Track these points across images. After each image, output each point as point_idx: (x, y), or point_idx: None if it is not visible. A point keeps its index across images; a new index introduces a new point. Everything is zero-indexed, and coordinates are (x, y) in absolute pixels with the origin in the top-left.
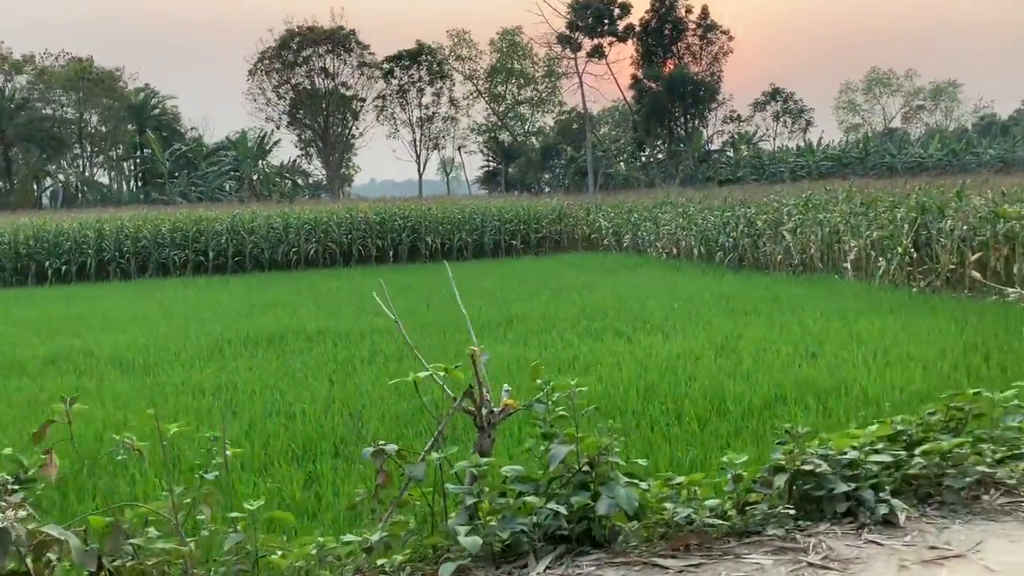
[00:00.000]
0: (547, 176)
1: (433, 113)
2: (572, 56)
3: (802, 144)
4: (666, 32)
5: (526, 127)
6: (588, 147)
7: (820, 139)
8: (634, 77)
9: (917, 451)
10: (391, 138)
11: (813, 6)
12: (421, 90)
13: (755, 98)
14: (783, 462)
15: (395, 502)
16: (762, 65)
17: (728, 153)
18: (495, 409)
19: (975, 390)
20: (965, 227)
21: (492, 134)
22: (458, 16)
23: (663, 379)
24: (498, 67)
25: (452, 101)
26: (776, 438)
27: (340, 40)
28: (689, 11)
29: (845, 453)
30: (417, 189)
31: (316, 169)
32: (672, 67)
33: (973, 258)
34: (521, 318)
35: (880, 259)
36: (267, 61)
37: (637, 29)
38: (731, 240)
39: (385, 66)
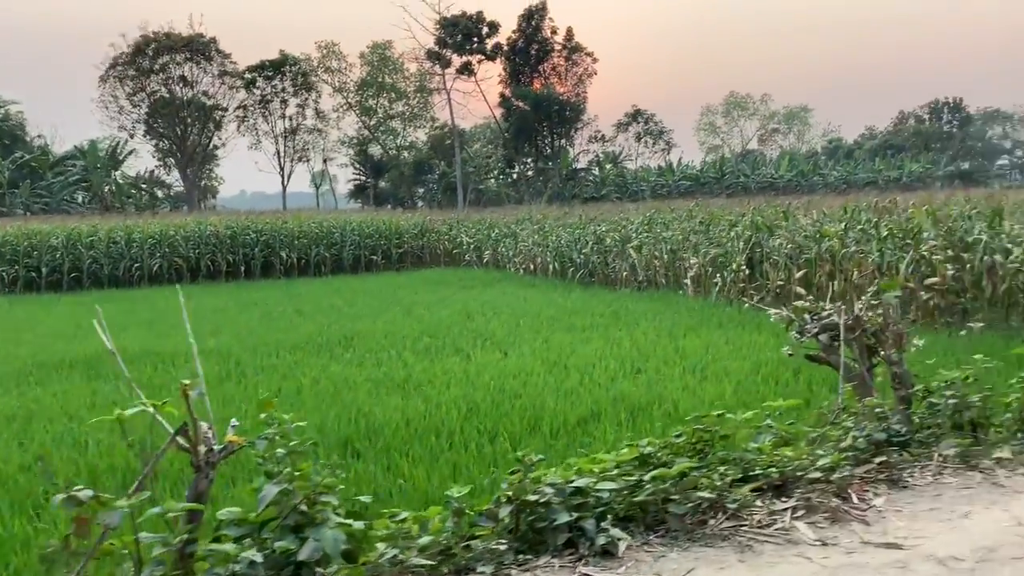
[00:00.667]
0: (421, 191)
1: (298, 125)
2: (440, 72)
3: (663, 164)
4: (532, 52)
5: (398, 141)
6: (458, 163)
7: (680, 159)
8: (502, 95)
9: (647, 476)
10: (253, 149)
11: (675, 33)
12: (285, 101)
13: (618, 119)
14: (510, 493)
15: (91, 553)
16: (627, 87)
17: (594, 172)
18: (215, 447)
19: (719, 412)
20: (791, 246)
21: (363, 147)
22: (326, 28)
23: (489, 398)
24: (368, 81)
25: (318, 113)
26: (590, 453)
27: (199, 48)
28: (554, 32)
29: (571, 481)
30: (292, 200)
31: (176, 180)
32: (539, 87)
33: (798, 275)
34: (363, 336)
35: (717, 276)
36: (120, 68)
37: (505, 48)
38: (582, 256)
39: (247, 75)
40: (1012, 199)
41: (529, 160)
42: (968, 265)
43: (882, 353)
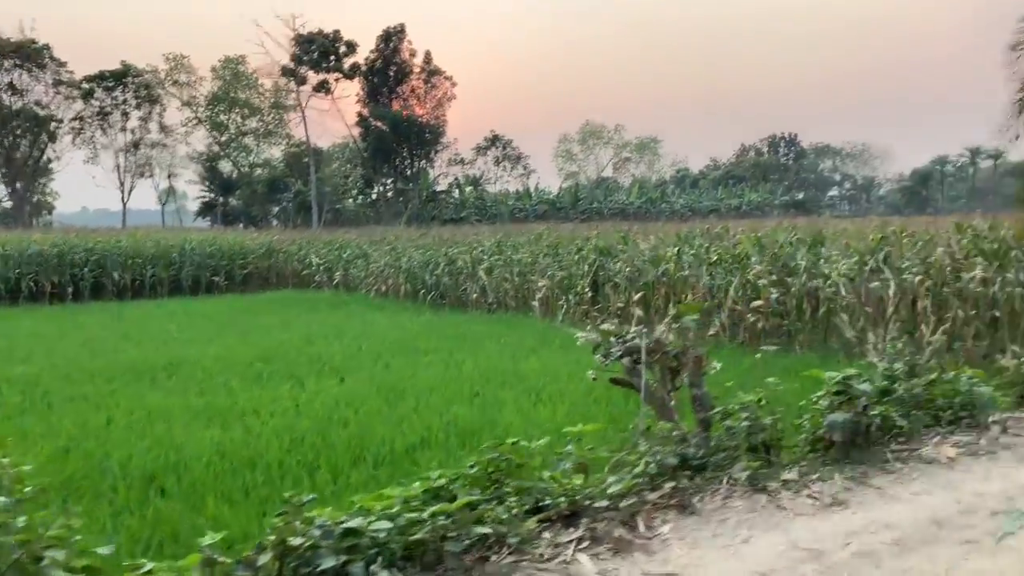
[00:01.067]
0: (275, 209)
1: (140, 139)
2: (295, 89)
3: (521, 189)
4: (391, 74)
5: (251, 158)
6: (312, 181)
7: (537, 185)
8: (360, 115)
9: (427, 512)
10: (89, 163)
11: (535, 62)
12: (126, 114)
13: (478, 143)
14: (272, 538)
15: None
16: (488, 112)
17: (454, 194)
18: None
19: (513, 440)
20: (629, 269)
21: (212, 164)
22: (174, 41)
23: (316, 427)
24: (220, 95)
25: (163, 127)
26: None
27: (30, 54)
28: (412, 55)
29: (343, 521)
30: (138, 218)
31: (5, 195)
32: (397, 108)
33: (636, 297)
34: (191, 362)
35: (563, 298)
36: None
37: (363, 68)
38: (434, 278)
39: (85, 85)
40: (834, 227)
41: (389, 181)
42: (791, 289)
43: (683, 376)
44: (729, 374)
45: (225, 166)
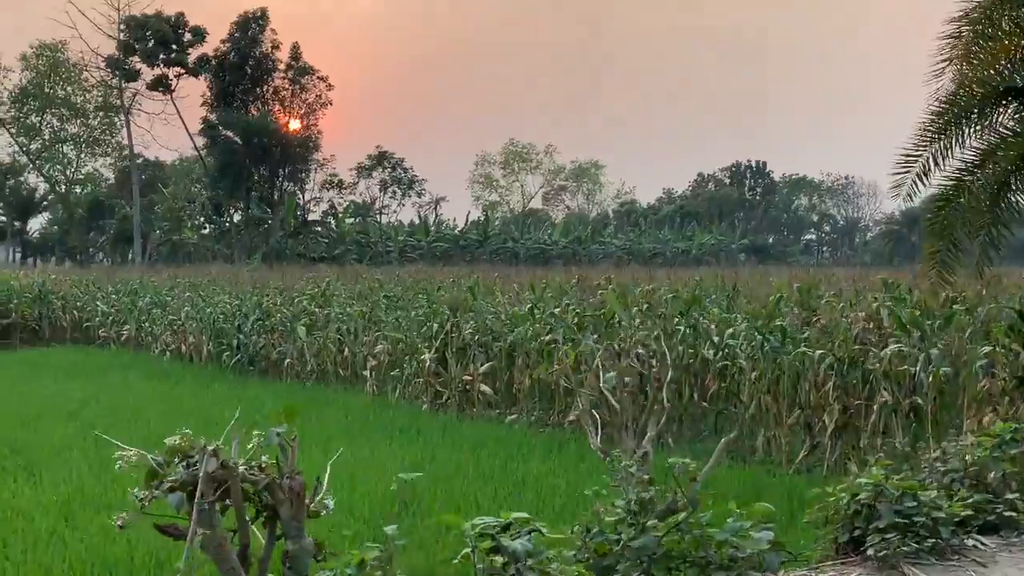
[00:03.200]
0: (102, 239)
1: None
2: (120, 86)
3: (420, 220)
4: (248, 70)
5: (70, 172)
6: (136, 204)
7: (437, 217)
8: (206, 121)
9: None
10: None
11: (440, 69)
12: None
13: (360, 162)
14: None
15: None
16: (378, 127)
17: (330, 225)
18: None
19: None
20: (479, 332)
21: (12, 178)
22: None
23: None
24: (30, 90)
25: None
26: None
27: None
28: (276, 47)
29: None
30: None
31: None
32: (255, 113)
33: (482, 368)
34: None
35: (400, 368)
36: None
37: (213, 62)
38: (241, 336)
39: None
40: (775, 278)
41: (245, 207)
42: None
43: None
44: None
45: (37, 180)
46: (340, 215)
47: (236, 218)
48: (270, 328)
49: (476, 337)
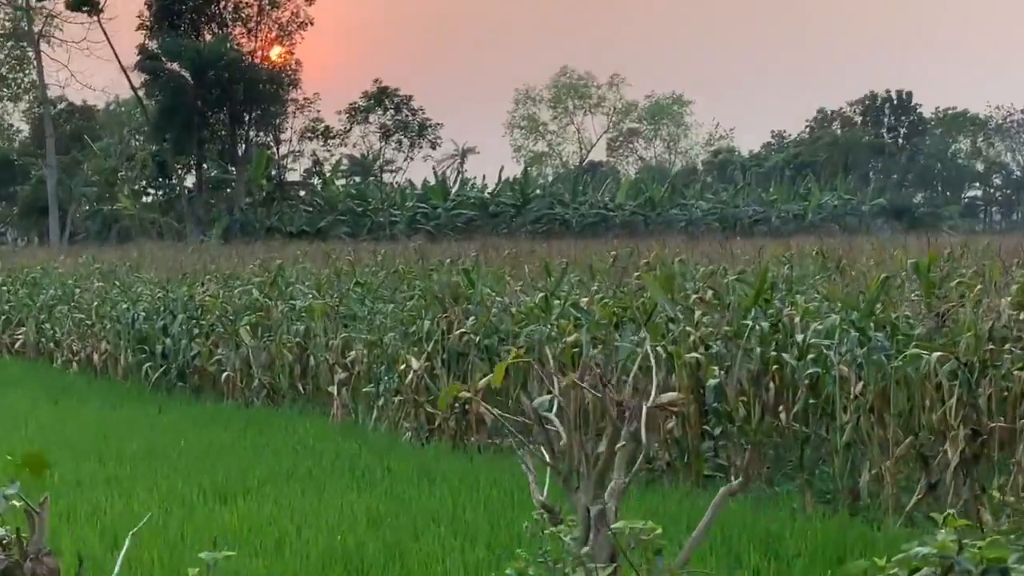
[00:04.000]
0: (14, 211)
1: None
2: (27, 5)
3: (445, 181)
4: None
5: None
6: (51, 163)
7: (459, 176)
8: (143, 49)
9: None
10: None
11: None
12: None
13: (352, 102)
14: None
15: None
16: (379, 60)
17: (314, 187)
18: None
19: None
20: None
21: None
22: None
23: None
24: None
25: None
26: None
27: None
28: None
29: None
30: None
31: None
32: (208, 38)
33: (481, 382)
34: None
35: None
36: None
37: None
38: (166, 343)
39: None
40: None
41: (202, 165)
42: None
43: None
44: None
45: None
46: (328, 175)
47: (189, 181)
48: (206, 330)
49: (477, 340)
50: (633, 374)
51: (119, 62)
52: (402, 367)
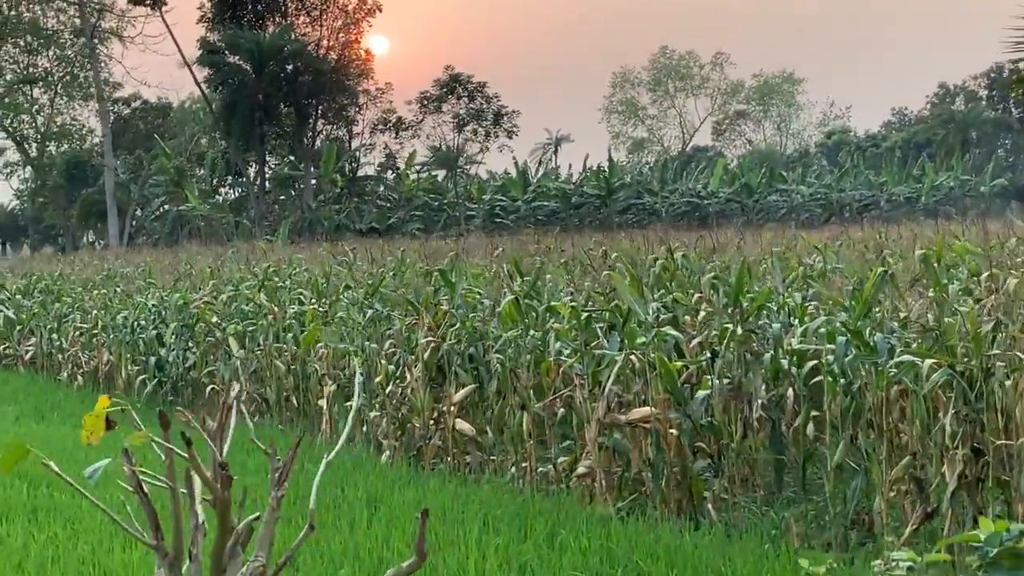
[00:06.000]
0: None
1: None
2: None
3: (526, 172)
4: None
5: (44, 125)
6: (108, 163)
7: (545, 165)
8: (205, 44)
9: None
10: None
11: None
12: None
13: (423, 91)
14: None
15: None
16: (456, 47)
17: (387, 183)
18: None
19: None
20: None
21: None
22: None
23: None
24: None
25: None
26: None
27: None
28: None
29: None
30: None
31: None
32: (272, 31)
33: (457, 397)
34: None
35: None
36: None
37: None
38: (160, 354)
39: None
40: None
41: (274, 161)
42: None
43: None
44: None
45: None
46: (404, 168)
47: (259, 179)
48: (199, 339)
49: (458, 347)
50: (609, 385)
51: (182, 57)
52: (378, 379)
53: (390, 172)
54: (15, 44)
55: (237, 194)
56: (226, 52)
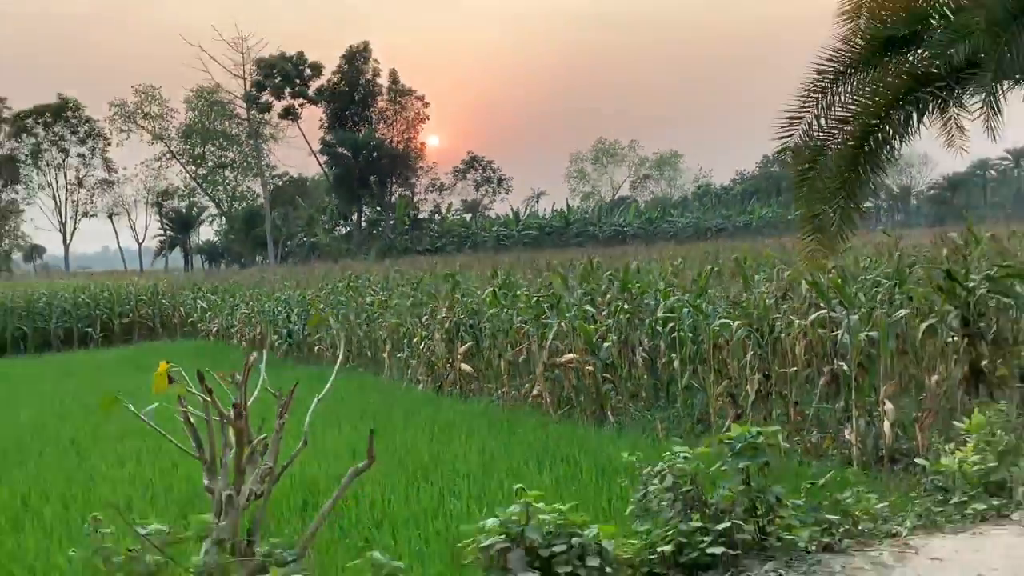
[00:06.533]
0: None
1: (84, 176)
2: (249, 118)
3: (518, 213)
4: (355, 96)
5: (231, 192)
6: (267, 214)
7: (528, 208)
8: (324, 141)
9: None
10: (28, 203)
11: (532, 78)
12: (65, 150)
13: (454, 166)
14: None
15: None
16: (485, 136)
17: (436, 221)
18: None
19: None
20: (462, 318)
21: (189, 199)
22: (91, 68)
23: None
24: (194, 126)
25: (107, 162)
26: None
27: None
28: (377, 74)
29: None
30: (120, 261)
31: None
32: (364, 132)
33: (462, 349)
34: None
35: (401, 351)
36: None
37: (326, 91)
38: (288, 327)
39: (20, 121)
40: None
41: (368, 210)
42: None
43: None
44: None
45: (202, 199)
46: (445, 213)
47: (358, 221)
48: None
49: (463, 319)
50: (550, 341)
51: (311, 149)
52: (413, 340)
53: (436, 215)
54: (214, 143)
55: (346, 231)
56: (337, 146)
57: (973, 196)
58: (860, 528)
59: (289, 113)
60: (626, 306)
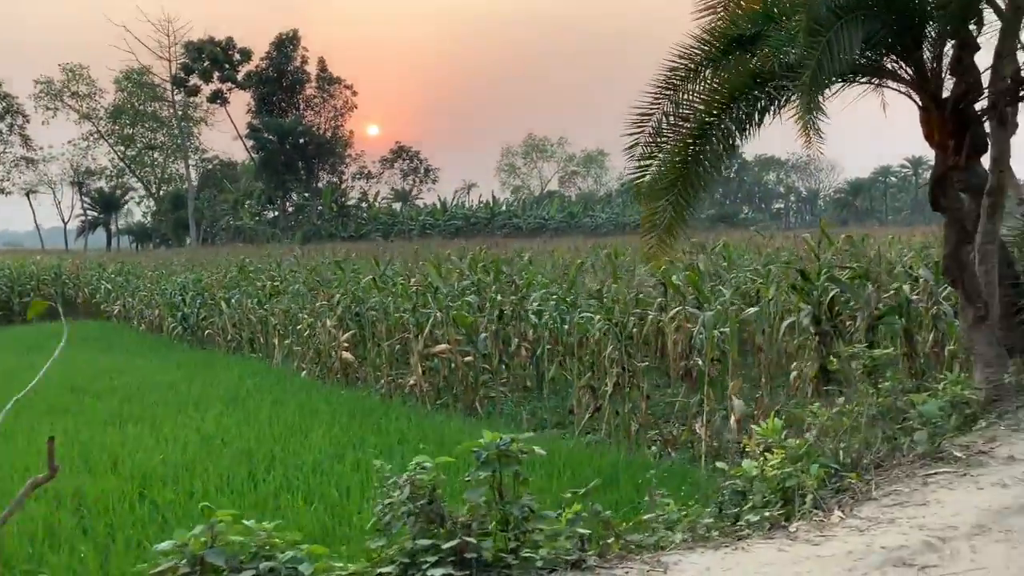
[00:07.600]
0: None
1: (1, 152)
2: (174, 100)
3: (445, 204)
4: (283, 83)
5: (159, 174)
6: (190, 197)
7: (457, 199)
8: (250, 126)
9: None
10: None
11: (469, 69)
12: None
13: (382, 155)
14: None
15: None
16: (418, 125)
17: (363, 209)
18: None
19: None
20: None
21: (117, 179)
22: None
23: None
24: (122, 108)
25: (25, 140)
26: None
27: None
28: (305, 62)
29: None
30: (37, 240)
31: None
32: (291, 119)
33: (344, 337)
34: None
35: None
36: None
37: (254, 77)
38: (183, 310)
39: None
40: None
41: (295, 195)
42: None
43: None
44: None
45: (132, 181)
46: (372, 201)
47: (285, 206)
48: (206, 301)
49: (349, 307)
50: (427, 331)
51: (238, 133)
52: (299, 327)
53: (364, 203)
54: (143, 125)
55: (273, 215)
56: (263, 131)
57: (875, 200)
58: (624, 541)
59: (217, 97)
60: (500, 297)
